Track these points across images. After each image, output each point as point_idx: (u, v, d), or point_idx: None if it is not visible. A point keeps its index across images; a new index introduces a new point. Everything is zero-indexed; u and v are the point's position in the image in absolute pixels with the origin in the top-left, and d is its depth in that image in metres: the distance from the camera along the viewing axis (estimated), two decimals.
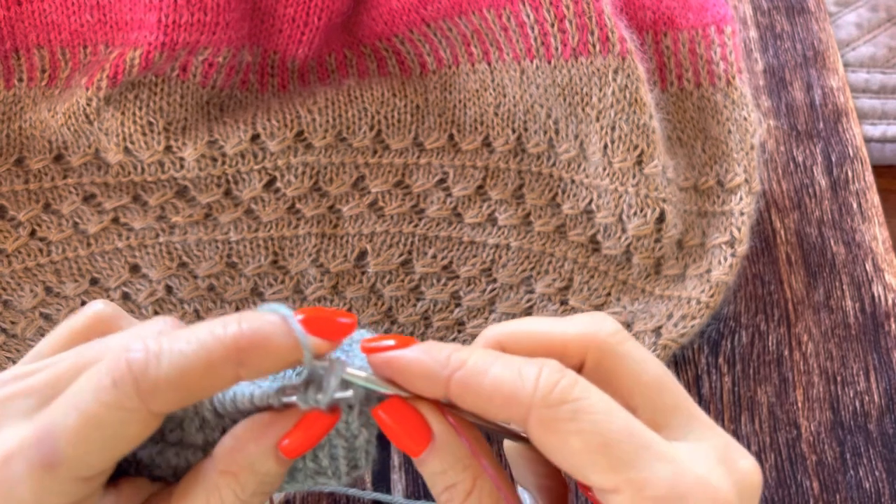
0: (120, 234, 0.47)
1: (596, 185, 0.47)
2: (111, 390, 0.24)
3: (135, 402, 0.25)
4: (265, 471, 0.27)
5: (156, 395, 0.25)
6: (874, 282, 0.51)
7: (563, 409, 0.25)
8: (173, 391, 0.25)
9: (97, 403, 0.24)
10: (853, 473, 0.46)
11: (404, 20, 0.49)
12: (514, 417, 0.26)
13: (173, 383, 0.25)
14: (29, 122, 0.48)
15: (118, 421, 0.25)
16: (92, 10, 0.47)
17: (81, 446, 0.25)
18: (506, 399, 0.26)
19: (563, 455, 0.25)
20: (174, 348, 0.25)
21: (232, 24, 0.47)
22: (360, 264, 0.48)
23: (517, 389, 0.26)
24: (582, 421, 0.25)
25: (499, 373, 0.26)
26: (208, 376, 0.25)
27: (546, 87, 0.48)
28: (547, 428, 0.25)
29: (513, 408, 0.26)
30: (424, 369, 0.27)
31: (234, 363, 0.25)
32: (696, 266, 0.47)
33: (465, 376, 0.26)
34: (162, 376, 0.25)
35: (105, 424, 0.25)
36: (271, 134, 0.48)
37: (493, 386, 0.26)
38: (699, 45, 0.49)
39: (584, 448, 0.25)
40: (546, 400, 0.25)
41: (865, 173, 0.54)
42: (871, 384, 0.48)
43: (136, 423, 0.25)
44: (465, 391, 0.26)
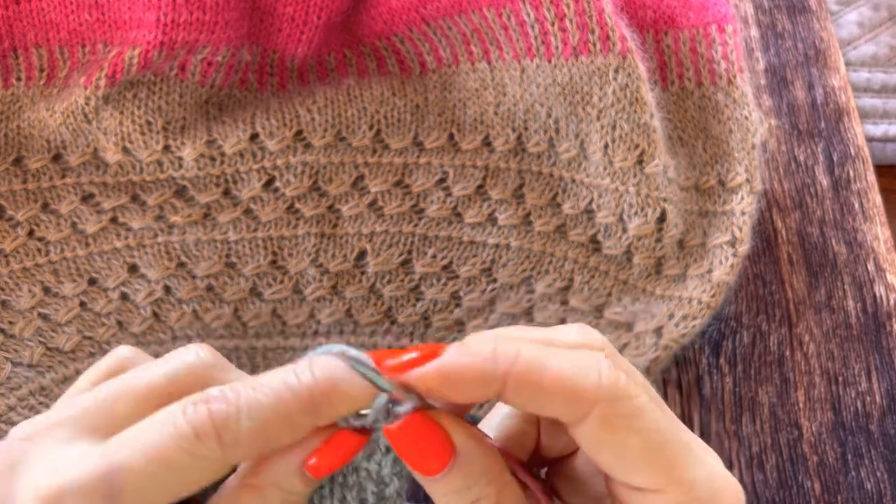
0: (118, 233, 0.47)
1: (596, 184, 0.47)
2: (193, 440, 0.24)
3: (216, 454, 0.25)
4: (289, 488, 0.26)
5: (237, 447, 0.25)
6: (876, 282, 0.51)
7: (627, 405, 0.25)
8: (254, 444, 0.25)
9: (172, 447, 0.24)
10: (854, 474, 0.46)
11: (404, 19, 0.49)
12: (574, 413, 0.25)
13: (254, 437, 0.25)
14: (27, 121, 0.48)
15: (193, 467, 0.25)
16: (90, 8, 0.47)
17: (149, 487, 0.24)
18: (569, 394, 0.25)
19: (616, 453, 0.25)
20: (251, 399, 0.25)
21: (231, 23, 0.47)
22: (359, 264, 0.48)
23: (581, 384, 0.25)
24: (643, 419, 0.25)
25: (559, 367, 0.25)
26: (286, 427, 0.25)
27: (546, 87, 0.47)
28: (608, 424, 0.25)
29: (575, 403, 0.25)
30: (477, 371, 0.25)
31: (309, 413, 0.25)
32: (698, 266, 0.47)
33: (523, 372, 0.25)
34: (244, 430, 0.25)
35: (178, 469, 0.25)
36: (270, 133, 0.47)
37: (554, 381, 0.25)
38: (700, 44, 0.49)
39: (642, 446, 0.25)
40: (612, 395, 0.25)
41: (867, 173, 0.54)
42: (872, 385, 0.48)
43: (211, 470, 0.25)
44: (523, 388, 0.25)
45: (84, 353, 0.46)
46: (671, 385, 0.48)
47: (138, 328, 0.46)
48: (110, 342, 0.46)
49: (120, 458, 0.25)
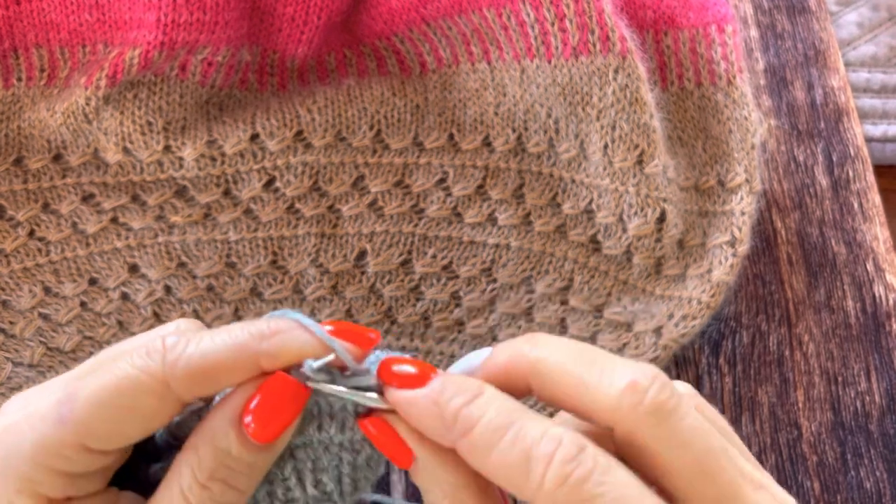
0: (119, 233, 0.47)
1: (596, 184, 0.47)
2: (141, 357, 0.26)
3: (157, 375, 0.25)
4: (226, 447, 0.26)
5: (178, 369, 0.25)
6: (875, 282, 0.51)
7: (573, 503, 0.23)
8: (197, 371, 0.25)
9: (123, 368, 0.25)
10: (854, 474, 0.46)
11: (404, 19, 0.49)
12: (522, 499, 0.24)
13: (198, 362, 0.26)
14: (28, 121, 0.48)
15: (137, 389, 0.25)
16: (91, 9, 0.47)
17: (96, 408, 0.25)
18: (513, 481, 0.24)
19: None
20: (205, 336, 0.26)
21: (231, 23, 0.47)
22: (359, 264, 0.48)
23: (526, 473, 0.24)
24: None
25: (508, 449, 0.24)
26: (231, 363, 0.26)
27: (546, 87, 0.47)
28: None
29: (520, 491, 0.24)
30: (434, 423, 0.26)
31: (255, 354, 0.26)
32: (697, 266, 0.47)
33: (473, 445, 0.25)
34: (187, 353, 0.26)
35: (124, 391, 0.25)
36: (271, 133, 0.47)
37: (500, 463, 0.24)
38: (700, 44, 0.49)
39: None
40: (555, 493, 0.23)
41: (866, 173, 0.54)
42: (872, 384, 0.48)
43: (154, 396, 0.25)
44: (472, 460, 0.25)
45: (85, 353, 0.46)
46: None
47: (139, 328, 0.46)
48: (111, 342, 0.46)
49: (76, 387, 0.26)
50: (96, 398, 0.25)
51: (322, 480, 0.28)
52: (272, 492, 0.28)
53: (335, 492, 0.28)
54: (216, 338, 0.26)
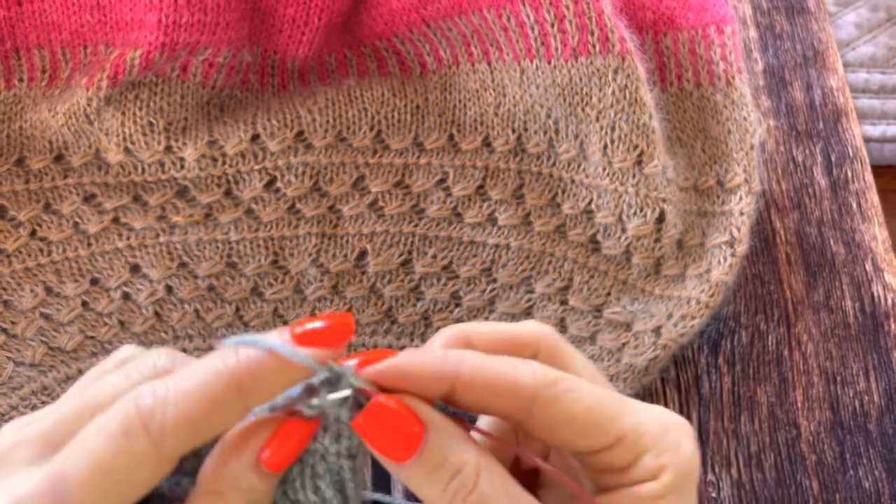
0: (120, 234, 0.47)
1: (596, 185, 0.47)
2: (122, 438, 0.25)
3: (145, 448, 0.25)
4: (248, 486, 0.26)
5: (165, 438, 0.25)
6: (874, 282, 0.51)
7: (560, 386, 0.28)
8: (183, 433, 0.25)
9: (108, 450, 0.25)
10: (853, 473, 0.46)
11: (404, 20, 0.49)
12: (517, 405, 0.27)
13: (182, 425, 0.25)
14: (29, 122, 0.48)
15: (129, 467, 0.25)
16: (92, 10, 0.48)
17: (94, 493, 0.25)
18: (512, 387, 0.27)
19: (565, 425, 0.27)
20: (179, 388, 0.25)
21: (232, 24, 0.47)
22: (360, 264, 0.48)
23: (521, 377, 0.27)
24: (577, 392, 0.28)
25: (499, 366, 0.28)
26: (215, 412, 0.25)
27: (546, 88, 0.48)
28: (550, 405, 0.27)
29: (518, 394, 0.27)
30: (430, 369, 0.27)
31: (237, 395, 0.25)
32: (696, 266, 0.47)
33: (472, 370, 0.27)
34: (169, 419, 0.25)
35: (116, 470, 0.25)
36: (271, 134, 0.48)
37: (497, 376, 0.27)
38: (699, 45, 0.49)
39: (585, 412, 0.27)
40: (545, 381, 0.28)
41: (865, 173, 0.54)
42: (870, 384, 0.48)
43: (148, 467, 0.25)
44: (472, 384, 0.27)
45: (86, 353, 0.46)
46: (670, 384, 0.48)
47: (140, 328, 0.46)
48: (112, 342, 0.46)
49: (63, 469, 0.25)
50: (88, 485, 0.24)
51: (320, 487, 0.28)
52: (285, 491, 0.28)
53: (335, 498, 0.28)
54: (192, 392, 0.25)
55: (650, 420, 0.28)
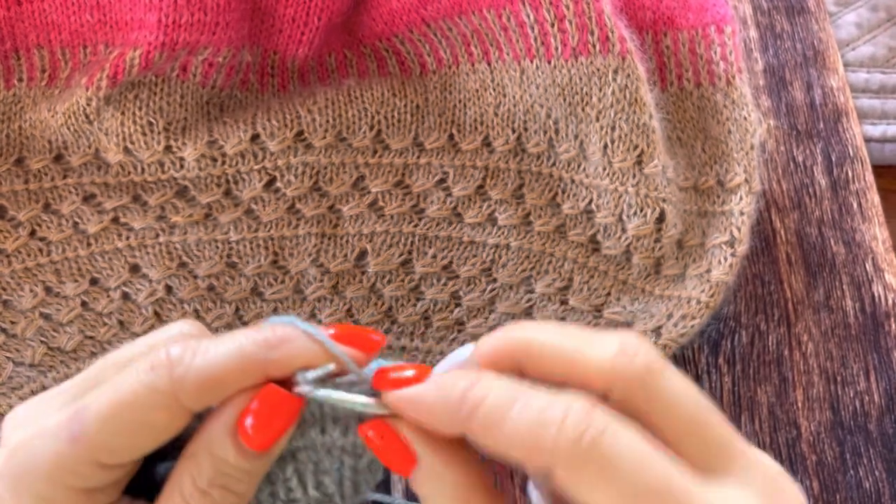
0: (120, 233, 0.47)
1: (596, 184, 0.47)
2: (147, 373, 0.26)
3: (166, 388, 0.25)
4: (223, 455, 0.26)
5: (186, 385, 0.25)
6: (874, 282, 0.51)
7: (591, 460, 0.23)
8: (205, 385, 0.26)
9: (131, 384, 0.26)
10: (853, 473, 0.46)
11: (404, 20, 0.49)
12: (538, 466, 0.24)
13: (205, 376, 0.26)
14: (29, 121, 0.48)
15: (147, 407, 0.25)
16: (92, 10, 0.47)
17: (108, 427, 0.25)
18: (528, 447, 0.24)
19: None
20: (210, 346, 0.26)
21: (232, 24, 0.47)
22: (360, 264, 0.48)
23: (540, 437, 0.24)
24: (609, 478, 0.23)
25: (519, 417, 0.24)
26: (238, 373, 0.26)
27: (546, 87, 0.48)
28: (573, 480, 0.24)
29: (535, 456, 0.24)
30: (440, 411, 0.25)
31: (261, 362, 0.26)
32: (696, 266, 0.47)
33: (483, 421, 0.25)
34: (195, 367, 0.26)
35: (134, 408, 0.25)
36: (271, 134, 0.48)
37: (513, 432, 0.24)
38: (699, 44, 0.49)
39: (617, 500, 0.23)
40: (572, 451, 0.23)
41: (865, 173, 0.54)
42: (871, 384, 0.48)
43: (165, 412, 0.26)
44: (484, 437, 0.25)
45: (86, 353, 0.46)
46: None
47: (140, 328, 0.46)
48: (112, 342, 0.46)
49: (85, 402, 0.26)
50: (106, 415, 0.25)
51: (323, 482, 0.28)
52: (275, 492, 0.28)
53: (336, 494, 0.28)
54: (221, 347, 0.26)
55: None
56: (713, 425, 0.25)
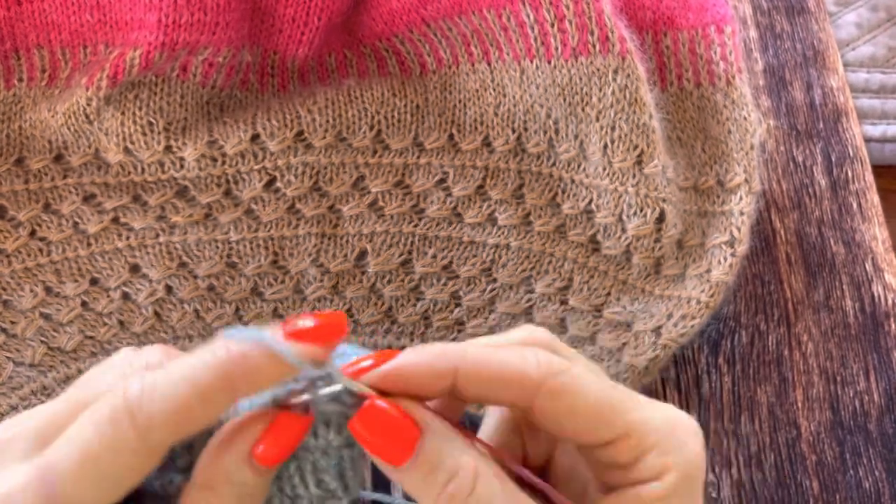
0: (120, 233, 0.47)
1: (596, 184, 0.47)
2: (108, 427, 0.25)
3: (131, 437, 0.25)
4: (242, 481, 0.26)
5: (152, 428, 0.25)
6: (874, 282, 0.51)
7: (565, 377, 0.27)
8: (170, 422, 0.25)
9: (95, 439, 0.25)
10: (853, 473, 0.46)
11: (404, 20, 0.49)
12: (521, 395, 0.27)
13: (169, 414, 0.25)
14: (29, 121, 0.48)
15: (117, 457, 0.25)
16: (92, 10, 0.47)
17: (82, 483, 0.25)
18: (516, 377, 0.27)
19: (570, 417, 0.27)
20: (168, 380, 0.25)
21: (232, 24, 0.47)
22: (360, 264, 0.48)
23: (525, 368, 0.27)
24: (582, 384, 0.27)
25: (504, 355, 0.28)
26: (202, 403, 0.25)
27: (546, 87, 0.48)
28: (556, 396, 0.27)
29: (523, 384, 0.27)
30: (430, 368, 0.27)
31: (226, 389, 0.25)
32: (696, 266, 0.47)
33: (474, 361, 0.27)
34: (156, 409, 0.25)
35: (103, 460, 0.25)
36: (271, 134, 0.48)
37: (501, 367, 0.27)
38: (699, 44, 0.49)
39: (591, 405, 0.27)
40: (550, 371, 0.27)
41: (865, 173, 0.54)
42: (870, 384, 0.48)
43: (135, 457, 0.25)
44: (474, 377, 0.27)
45: (86, 353, 0.46)
46: (670, 384, 0.48)
47: (140, 328, 0.46)
48: (112, 342, 0.46)
49: (51, 460, 0.25)
50: (77, 473, 0.25)
51: (324, 480, 0.28)
52: (281, 487, 0.28)
53: (339, 488, 0.28)
54: (181, 382, 0.25)
55: (657, 418, 0.28)
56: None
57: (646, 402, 0.29)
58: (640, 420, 0.28)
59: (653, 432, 0.28)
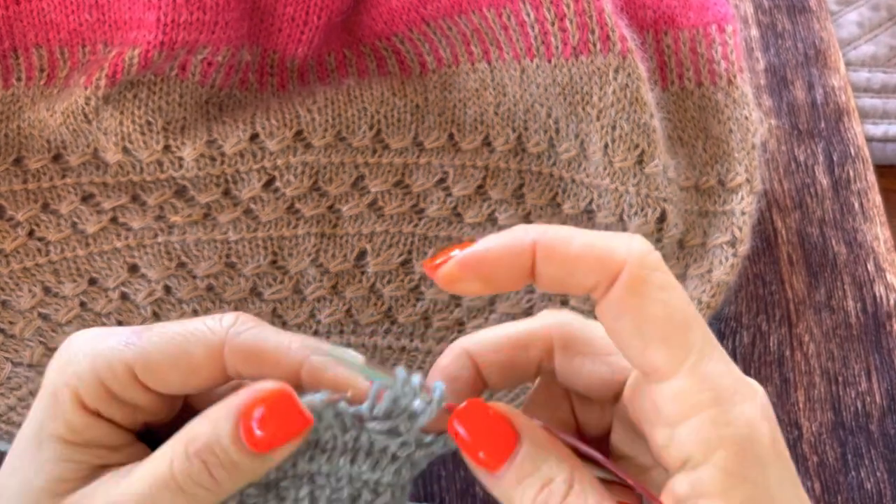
0: (119, 233, 0.47)
1: (596, 184, 0.47)
2: (211, 320, 0.28)
3: (220, 333, 0.28)
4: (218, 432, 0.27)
5: (236, 340, 0.27)
6: (876, 282, 0.51)
7: (656, 275, 0.24)
8: (248, 348, 0.27)
9: (195, 324, 0.28)
10: (854, 474, 0.46)
11: (404, 19, 0.49)
12: (603, 277, 0.25)
13: (252, 344, 0.28)
14: (27, 121, 0.48)
15: (195, 340, 0.27)
16: (90, 9, 0.47)
17: (159, 345, 0.27)
18: (598, 258, 0.25)
19: (637, 323, 0.24)
20: (266, 329, 0.28)
21: (231, 23, 0.47)
22: (359, 264, 0.48)
23: (611, 249, 0.25)
24: (670, 293, 0.24)
25: (587, 235, 0.25)
26: (276, 358, 0.28)
27: (546, 87, 0.47)
28: (634, 290, 0.24)
29: (604, 267, 0.24)
30: (508, 246, 0.26)
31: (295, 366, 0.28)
32: (697, 266, 0.47)
33: (552, 240, 0.25)
34: (247, 334, 0.28)
35: (185, 338, 0.27)
36: (270, 133, 0.47)
37: (583, 247, 0.25)
38: (700, 44, 0.49)
39: (663, 318, 0.24)
40: (642, 261, 0.24)
41: (867, 173, 0.54)
42: (872, 385, 0.48)
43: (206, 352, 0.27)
44: (552, 254, 0.25)
45: None
46: None
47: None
48: None
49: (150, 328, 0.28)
50: (161, 337, 0.28)
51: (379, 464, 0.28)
52: None
53: None
54: (280, 335, 0.28)
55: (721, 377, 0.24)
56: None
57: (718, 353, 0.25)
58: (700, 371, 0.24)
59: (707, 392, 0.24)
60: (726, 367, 0.25)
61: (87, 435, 0.28)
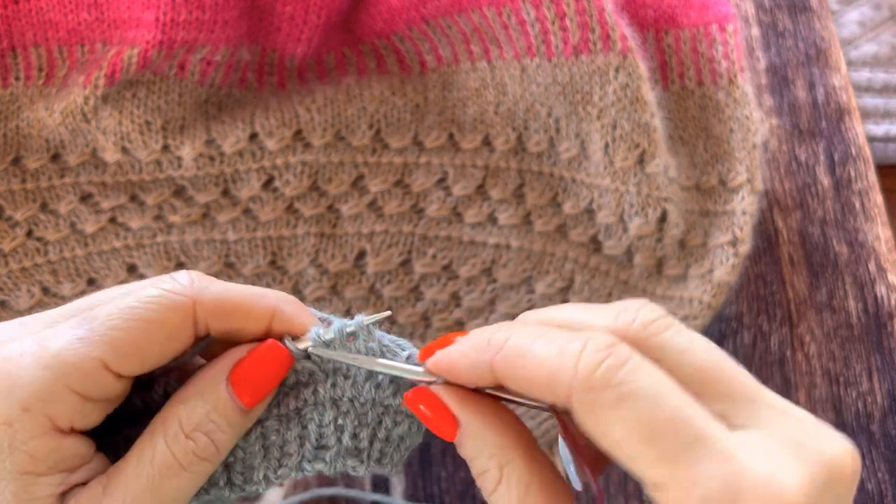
0: (117, 233, 0.47)
1: (597, 184, 0.47)
2: (168, 281, 0.27)
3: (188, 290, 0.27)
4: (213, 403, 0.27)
5: (206, 293, 0.27)
6: (877, 282, 0.50)
7: (605, 393, 0.23)
8: (220, 300, 0.27)
9: (150, 291, 0.27)
10: None
11: (404, 18, 0.49)
12: (558, 399, 0.24)
13: (222, 296, 0.27)
14: (26, 121, 0.47)
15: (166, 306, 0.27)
16: (89, 8, 0.47)
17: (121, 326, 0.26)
18: (547, 380, 0.24)
19: (607, 442, 0.23)
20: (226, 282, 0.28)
21: (230, 22, 0.47)
22: (359, 264, 0.48)
23: (557, 369, 0.24)
24: (625, 408, 0.23)
25: (539, 351, 0.24)
26: (248, 306, 0.28)
27: (547, 86, 0.47)
28: (588, 413, 0.23)
29: (554, 389, 0.24)
30: (469, 360, 0.26)
31: (268, 312, 0.28)
32: (698, 266, 0.47)
33: (506, 357, 0.25)
34: (214, 286, 0.28)
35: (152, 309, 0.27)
36: (270, 133, 0.47)
37: (534, 366, 0.24)
38: (701, 43, 0.49)
39: (628, 438, 0.23)
40: (586, 383, 0.23)
41: (868, 173, 0.54)
42: (873, 385, 0.48)
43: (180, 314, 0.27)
44: (508, 373, 0.25)
45: None
46: None
47: None
48: None
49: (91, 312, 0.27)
50: (121, 315, 0.26)
51: (359, 435, 0.29)
52: (304, 436, 0.29)
53: (366, 451, 0.29)
54: (238, 286, 0.28)
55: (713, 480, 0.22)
56: (731, 376, 0.24)
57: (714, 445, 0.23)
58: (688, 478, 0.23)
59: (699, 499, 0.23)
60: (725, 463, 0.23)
61: (53, 458, 0.26)
